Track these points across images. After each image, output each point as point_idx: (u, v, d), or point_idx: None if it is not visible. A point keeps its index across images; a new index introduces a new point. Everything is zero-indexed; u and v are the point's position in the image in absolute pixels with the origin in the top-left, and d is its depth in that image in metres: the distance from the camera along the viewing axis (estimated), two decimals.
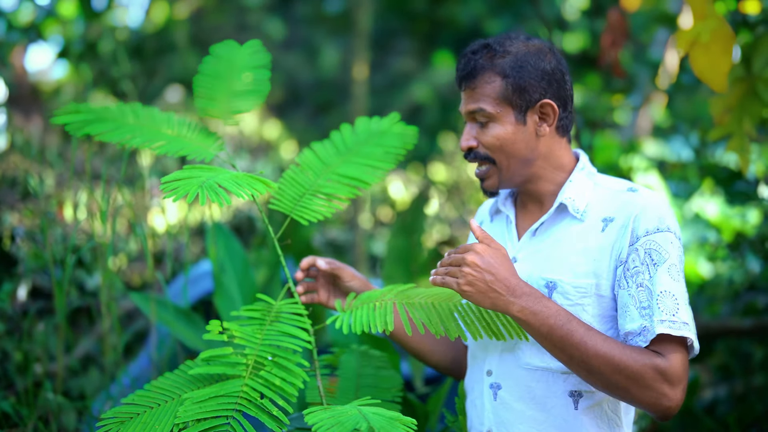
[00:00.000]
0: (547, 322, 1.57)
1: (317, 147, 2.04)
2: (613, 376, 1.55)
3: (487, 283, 1.58)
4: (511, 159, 1.75)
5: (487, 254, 1.60)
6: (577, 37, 5.81)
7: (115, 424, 1.56)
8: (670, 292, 1.60)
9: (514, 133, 1.73)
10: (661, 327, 1.57)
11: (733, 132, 2.56)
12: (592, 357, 1.55)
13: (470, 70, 1.74)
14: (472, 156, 1.78)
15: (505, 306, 1.59)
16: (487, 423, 1.76)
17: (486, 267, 1.59)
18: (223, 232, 2.75)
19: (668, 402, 1.55)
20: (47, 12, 6.05)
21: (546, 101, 1.73)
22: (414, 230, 3.18)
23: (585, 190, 1.76)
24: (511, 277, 1.60)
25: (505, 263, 1.61)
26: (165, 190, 1.54)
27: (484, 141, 1.75)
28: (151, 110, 2.01)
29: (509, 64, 1.72)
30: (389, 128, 2.08)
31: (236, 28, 8.87)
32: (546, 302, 1.60)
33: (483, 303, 1.60)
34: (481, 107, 1.73)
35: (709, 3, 2.33)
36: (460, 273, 1.59)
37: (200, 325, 2.54)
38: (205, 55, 2.15)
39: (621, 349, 1.56)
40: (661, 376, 1.55)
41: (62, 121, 1.92)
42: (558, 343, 1.57)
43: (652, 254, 1.63)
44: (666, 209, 1.69)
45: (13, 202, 3.75)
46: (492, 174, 1.77)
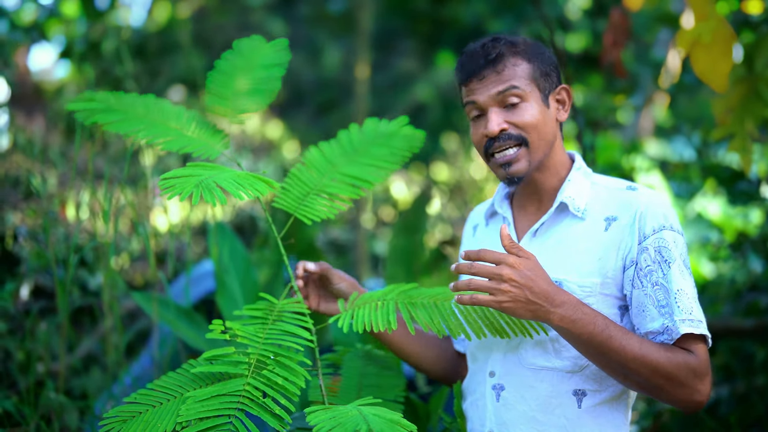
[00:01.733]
0: (587, 329, 1.58)
1: (324, 146, 2.04)
2: (651, 377, 1.58)
3: (528, 297, 1.56)
4: (541, 141, 1.73)
5: (523, 267, 1.56)
6: (579, 37, 5.80)
7: (117, 423, 1.56)
8: (684, 291, 1.63)
9: (543, 114, 1.73)
10: (684, 326, 1.60)
11: (735, 132, 2.56)
12: (630, 361, 1.57)
13: (496, 55, 1.71)
14: (505, 137, 1.72)
15: (546, 316, 1.58)
16: (488, 424, 1.76)
17: (525, 282, 1.55)
18: (226, 231, 2.75)
19: (699, 396, 1.60)
20: (50, 11, 6.06)
21: (564, 86, 1.78)
22: (416, 230, 3.18)
23: (583, 189, 1.77)
24: (549, 286, 1.58)
25: (540, 272, 1.59)
26: (163, 187, 1.54)
27: (518, 121, 1.71)
28: (162, 103, 2.00)
29: (531, 51, 1.75)
30: (397, 131, 2.08)
31: (238, 28, 8.86)
32: (584, 308, 1.59)
33: (523, 316, 1.58)
34: (514, 84, 1.71)
35: (710, 3, 2.33)
36: (499, 291, 1.55)
37: (202, 324, 2.54)
38: (208, 55, 2.14)
39: (657, 351, 1.58)
40: (693, 374, 1.59)
41: (75, 107, 1.93)
42: (597, 349, 1.59)
43: (662, 252, 1.65)
44: (668, 207, 1.71)
45: (16, 202, 3.76)
46: (522, 157, 1.73)
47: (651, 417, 3.27)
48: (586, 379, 1.69)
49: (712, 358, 3.58)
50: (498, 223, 1.89)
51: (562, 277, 1.70)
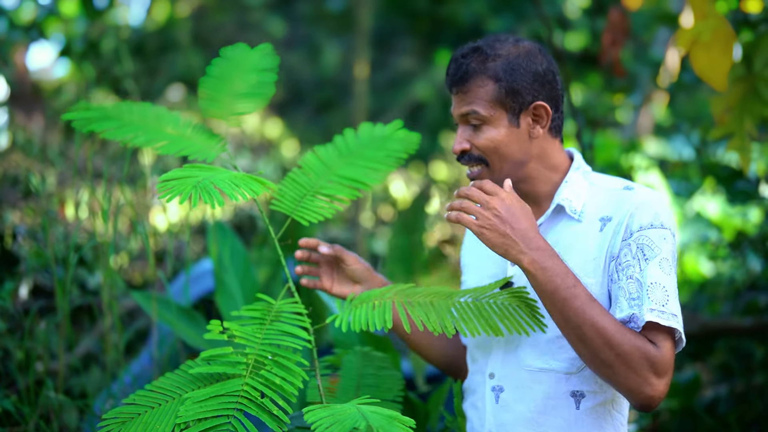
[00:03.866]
0: (554, 280, 1.57)
1: (319, 150, 2.05)
2: (603, 349, 1.55)
3: (506, 230, 1.59)
4: (504, 161, 1.74)
5: (510, 201, 1.61)
6: (579, 35, 5.81)
7: (116, 424, 1.56)
8: (660, 284, 1.60)
9: (507, 135, 1.72)
10: (650, 315, 1.57)
11: (734, 131, 2.56)
12: (588, 325, 1.55)
13: (462, 74, 1.73)
14: (466, 158, 1.77)
15: (516, 255, 1.59)
16: (487, 425, 1.77)
17: (507, 216, 1.59)
18: (225, 230, 2.75)
19: (651, 391, 1.55)
20: (49, 10, 6.05)
21: (539, 103, 1.73)
22: (415, 229, 3.18)
23: (581, 190, 1.76)
24: (530, 229, 1.60)
25: (527, 215, 1.62)
26: (160, 190, 1.54)
27: (478, 143, 1.74)
28: (158, 110, 2.02)
29: (501, 68, 1.71)
30: (392, 134, 2.09)
31: (237, 27, 8.87)
32: (557, 261, 1.59)
33: (496, 248, 1.60)
34: (474, 109, 1.72)
35: (709, 2, 2.33)
36: (480, 214, 1.60)
37: (201, 323, 2.54)
38: (207, 53, 2.16)
39: (617, 326, 1.56)
40: (648, 363, 1.55)
41: (70, 117, 1.94)
42: (559, 303, 1.57)
43: (644, 249, 1.63)
44: (662, 206, 1.69)
45: (15, 201, 3.76)
46: (484, 176, 1.76)
47: (650, 416, 3.28)
48: (584, 381, 1.69)
49: (712, 357, 3.58)
50: None
51: None
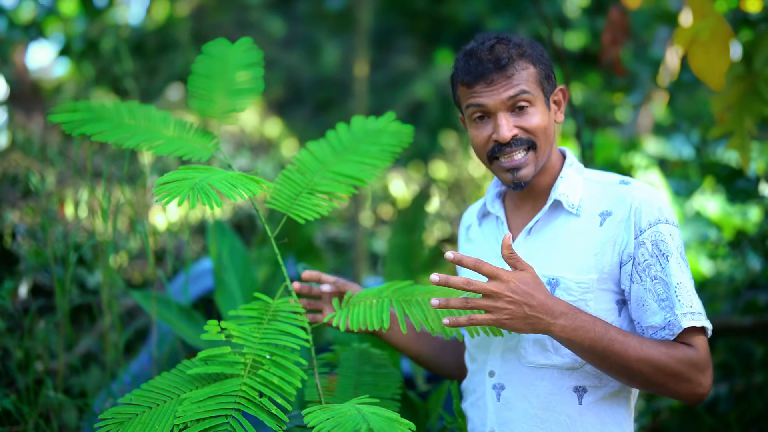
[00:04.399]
0: (588, 336, 1.58)
1: (313, 146, 2.04)
2: (654, 376, 1.59)
3: (526, 312, 1.55)
4: (547, 144, 1.75)
5: (519, 281, 1.56)
6: (578, 35, 5.80)
7: (114, 425, 1.56)
8: (684, 284, 1.65)
9: (548, 116, 1.74)
10: (686, 320, 1.61)
11: (734, 130, 2.56)
12: (633, 362, 1.58)
13: (505, 59, 1.69)
14: (517, 143, 1.71)
15: (546, 328, 1.58)
16: (489, 424, 1.76)
17: (521, 297, 1.55)
18: (224, 229, 2.75)
19: (702, 389, 1.61)
20: (48, 10, 6.06)
21: (562, 87, 1.79)
22: (415, 228, 3.18)
23: (577, 185, 1.77)
24: (547, 299, 1.58)
25: (537, 285, 1.58)
26: (158, 193, 1.54)
27: (529, 125, 1.71)
28: (148, 109, 2.01)
29: (535, 53, 1.74)
30: (385, 127, 2.08)
31: (237, 26, 8.86)
32: (582, 316, 1.60)
33: (523, 330, 1.58)
34: (524, 89, 1.70)
35: (708, 2, 2.33)
36: (496, 308, 1.54)
37: (201, 322, 2.54)
38: None
39: (658, 349, 1.60)
40: (695, 368, 1.60)
41: (59, 119, 1.91)
42: (599, 354, 1.59)
43: (659, 245, 1.66)
44: (662, 200, 1.72)
45: (14, 200, 3.76)
46: (530, 162, 1.73)
47: (650, 414, 3.28)
48: (586, 376, 1.70)
49: (712, 356, 3.58)
50: (491, 223, 1.88)
51: (558, 274, 1.70)
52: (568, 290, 1.69)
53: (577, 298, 1.68)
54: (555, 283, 1.70)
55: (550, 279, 1.70)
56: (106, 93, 5.83)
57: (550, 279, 1.70)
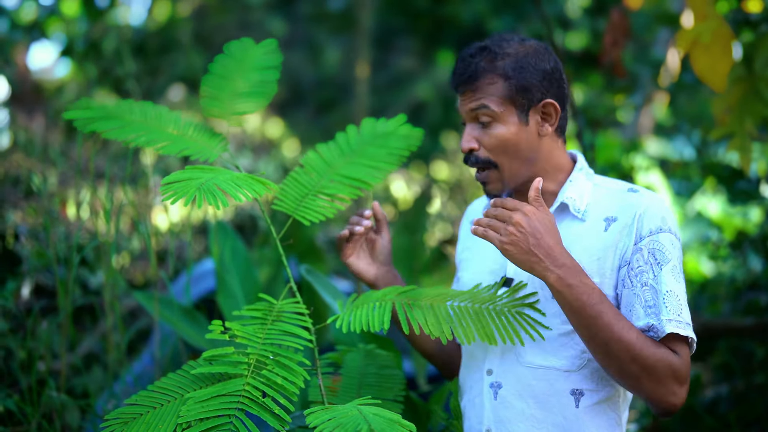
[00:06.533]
0: (581, 297, 1.58)
1: (321, 148, 2.04)
2: (630, 364, 1.57)
3: (530, 246, 1.58)
4: (513, 160, 1.74)
5: (534, 217, 1.59)
6: (580, 35, 5.81)
7: (118, 425, 1.56)
8: (674, 293, 1.62)
9: (516, 133, 1.72)
10: (670, 326, 1.59)
11: (735, 131, 2.57)
12: (614, 341, 1.56)
13: (471, 73, 1.72)
14: (473, 160, 1.76)
15: (543, 272, 1.59)
16: (486, 422, 1.77)
17: (531, 230, 1.58)
18: (226, 230, 2.76)
19: (675, 399, 1.58)
20: (50, 10, 6.07)
21: (549, 101, 1.74)
22: (416, 229, 3.19)
23: (585, 190, 1.77)
24: (555, 245, 1.59)
25: (552, 230, 1.61)
26: (164, 192, 1.54)
27: (486, 142, 1.73)
28: (159, 109, 2.01)
29: (510, 66, 1.71)
30: (395, 130, 2.07)
31: (239, 26, 8.87)
32: (583, 278, 1.59)
33: (522, 264, 1.60)
34: (484, 104, 1.71)
35: (709, 3, 2.34)
36: (505, 230, 1.60)
37: (203, 323, 2.55)
38: (208, 53, 2.15)
39: (642, 340, 1.57)
40: (672, 374, 1.57)
41: (72, 116, 1.93)
42: (585, 320, 1.58)
43: (656, 254, 1.65)
44: (667, 210, 1.71)
45: (17, 201, 3.76)
46: (494, 179, 1.76)
47: (650, 415, 3.28)
48: (584, 379, 1.70)
49: (712, 357, 3.59)
50: None
51: None
52: None
53: None
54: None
55: None
56: (107, 94, 5.83)
57: None
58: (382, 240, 1.93)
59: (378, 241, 1.93)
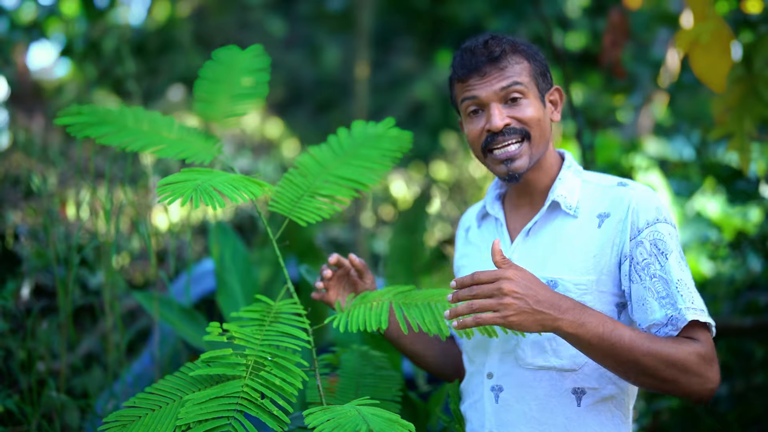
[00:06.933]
0: (597, 331, 1.54)
1: (314, 150, 2.06)
2: (666, 370, 1.55)
3: (532, 307, 1.52)
4: (542, 138, 1.76)
5: (521, 278, 1.53)
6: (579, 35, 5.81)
7: (117, 427, 1.57)
8: (684, 281, 1.63)
9: (542, 112, 1.76)
10: (690, 314, 1.59)
11: (734, 131, 2.57)
12: (643, 357, 1.55)
13: (499, 53, 1.73)
14: (510, 132, 1.73)
15: (554, 324, 1.53)
16: (488, 425, 1.77)
17: (526, 291, 1.52)
18: (226, 230, 2.76)
19: (711, 384, 1.58)
20: (50, 10, 6.07)
21: (557, 87, 1.81)
22: (416, 229, 3.19)
23: (575, 187, 1.78)
24: (551, 295, 1.55)
25: (538, 282, 1.56)
26: (161, 193, 1.55)
27: (521, 116, 1.73)
28: (152, 114, 2.03)
29: (530, 50, 1.78)
30: (385, 132, 2.10)
31: (238, 27, 8.88)
32: (589, 311, 1.57)
33: (531, 328, 1.53)
34: (517, 80, 1.73)
35: (709, 4, 2.34)
36: (503, 305, 1.51)
37: (203, 323, 2.55)
38: (208, 53, 2.17)
39: (666, 343, 1.57)
40: (703, 361, 1.57)
41: (64, 122, 1.94)
42: (609, 350, 1.55)
43: (657, 244, 1.65)
44: (659, 200, 1.71)
45: (16, 201, 3.77)
46: (524, 153, 1.74)
47: (650, 415, 3.28)
48: (585, 378, 1.70)
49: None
50: (490, 225, 1.89)
51: (556, 276, 1.71)
52: (567, 292, 1.69)
53: (574, 299, 1.68)
54: (553, 285, 1.70)
55: (548, 281, 1.71)
56: (107, 94, 5.83)
57: (548, 281, 1.71)
58: (364, 285, 1.92)
59: (359, 285, 1.92)
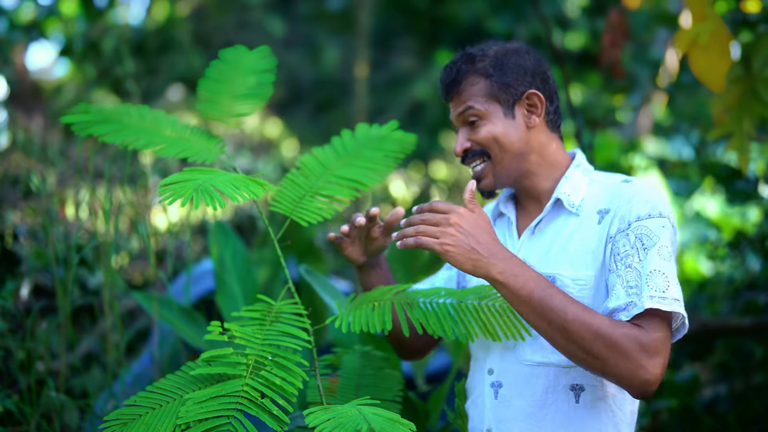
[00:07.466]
0: (527, 284, 1.55)
1: (317, 151, 2.06)
2: (593, 343, 1.52)
3: (471, 244, 1.57)
4: (505, 153, 1.78)
5: (470, 217, 1.59)
6: (578, 35, 5.81)
7: (117, 426, 1.57)
8: (660, 271, 1.59)
9: (504, 128, 1.77)
10: (650, 302, 1.55)
11: (733, 131, 2.57)
12: (570, 321, 1.52)
13: (454, 77, 1.80)
14: (469, 156, 1.81)
15: (486, 268, 1.56)
16: (487, 422, 1.77)
17: (470, 229, 1.58)
18: (225, 230, 2.76)
19: (646, 374, 1.51)
20: (49, 10, 6.07)
21: (532, 91, 1.78)
22: None
23: (580, 186, 1.78)
24: (494, 242, 1.59)
25: (488, 229, 1.60)
26: (161, 193, 1.55)
27: (477, 138, 1.79)
28: (156, 112, 2.04)
29: (490, 65, 1.78)
30: (388, 134, 2.10)
31: (237, 26, 8.88)
32: (527, 268, 1.58)
33: (464, 265, 1.57)
34: (469, 105, 1.78)
35: (708, 4, 2.34)
36: (442, 233, 1.57)
37: (202, 323, 2.55)
38: (207, 53, 2.17)
39: (600, 317, 1.54)
40: (640, 347, 1.52)
41: (70, 120, 1.95)
42: (537, 307, 1.55)
43: (642, 239, 1.63)
44: (658, 196, 1.70)
45: (15, 201, 3.77)
46: (488, 172, 1.80)
47: (650, 415, 3.29)
48: (584, 374, 1.69)
49: (711, 357, 3.59)
50: (503, 224, 1.91)
51: (555, 271, 1.71)
52: (565, 287, 1.69)
53: (574, 295, 1.68)
54: (552, 281, 1.70)
55: (547, 276, 1.71)
56: (106, 94, 5.83)
57: (548, 276, 1.71)
58: (383, 242, 1.92)
59: (378, 241, 1.91)
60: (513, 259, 1.58)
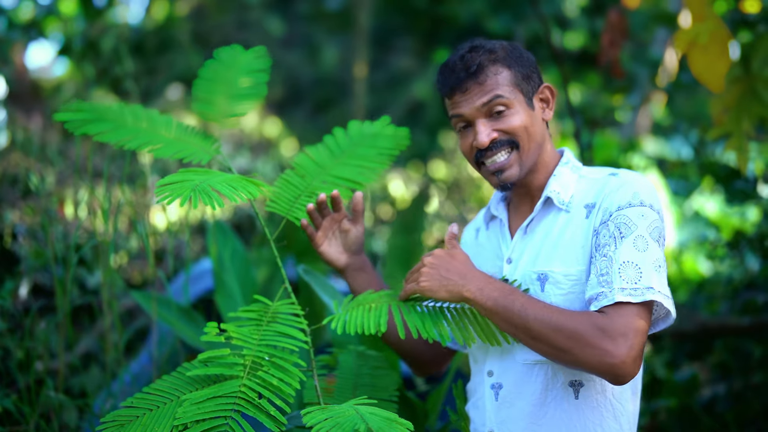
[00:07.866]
0: (492, 295, 1.64)
1: (311, 150, 2.06)
2: (555, 337, 1.57)
3: (441, 274, 1.70)
4: (532, 143, 1.77)
5: (443, 253, 1.73)
6: (577, 35, 5.81)
7: (115, 427, 1.57)
8: (632, 263, 1.60)
9: (530, 117, 1.76)
10: (621, 295, 1.57)
11: (732, 131, 2.57)
12: (531, 321, 1.59)
13: (476, 67, 1.74)
14: (496, 146, 1.75)
15: (458, 290, 1.67)
16: (488, 423, 1.77)
17: (440, 263, 1.71)
18: (224, 230, 2.76)
19: (611, 359, 1.53)
20: (48, 9, 6.07)
21: (546, 85, 1.81)
22: (414, 228, 3.18)
23: (569, 183, 1.79)
24: (463, 267, 1.70)
25: (462, 258, 1.73)
26: (159, 194, 1.55)
27: (507, 127, 1.74)
28: (150, 112, 2.03)
29: (510, 56, 1.76)
30: (381, 130, 2.10)
31: (237, 26, 8.88)
32: (495, 282, 1.67)
33: (438, 293, 1.70)
34: (498, 94, 1.73)
35: (707, 4, 2.34)
36: (419, 274, 1.73)
37: (201, 323, 2.55)
38: (207, 53, 2.17)
39: (559, 312, 1.59)
40: (600, 332, 1.54)
41: (63, 118, 1.94)
42: (503, 314, 1.62)
43: (621, 228, 1.64)
44: (642, 186, 1.70)
45: (14, 200, 3.76)
46: (514, 162, 1.76)
47: (649, 414, 3.29)
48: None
49: (710, 357, 3.59)
50: (496, 226, 1.91)
51: (547, 269, 1.71)
52: (557, 284, 1.70)
53: (567, 291, 1.69)
54: (544, 278, 1.71)
55: (539, 274, 1.72)
56: (106, 93, 5.83)
57: (540, 274, 1.72)
58: (356, 231, 1.95)
59: (351, 232, 1.95)
60: (482, 277, 1.68)
